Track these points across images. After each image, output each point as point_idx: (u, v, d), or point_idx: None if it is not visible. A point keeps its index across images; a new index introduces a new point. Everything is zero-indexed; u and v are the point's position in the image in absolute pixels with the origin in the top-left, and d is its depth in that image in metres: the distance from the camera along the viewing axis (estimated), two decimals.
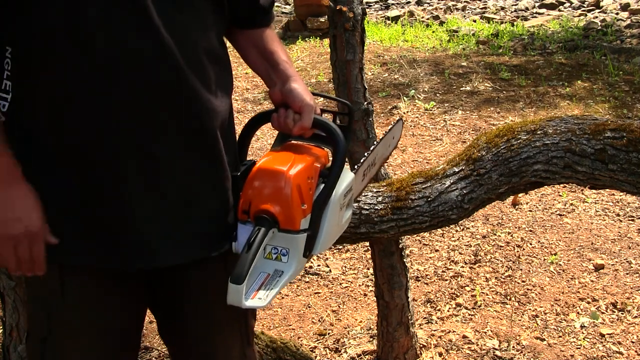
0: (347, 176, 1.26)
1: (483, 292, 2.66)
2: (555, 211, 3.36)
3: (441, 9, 9.67)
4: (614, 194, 3.43)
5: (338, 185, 1.20)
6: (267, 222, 1.10)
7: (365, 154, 1.46)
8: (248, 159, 1.29)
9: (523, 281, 2.73)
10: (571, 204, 3.41)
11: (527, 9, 9.36)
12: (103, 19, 1.00)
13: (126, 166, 1.07)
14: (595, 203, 3.41)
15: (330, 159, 1.24)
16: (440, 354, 2.28)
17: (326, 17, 2.09)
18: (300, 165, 1.14)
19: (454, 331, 2.40)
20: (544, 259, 2.90)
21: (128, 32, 1.01)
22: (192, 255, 1.17)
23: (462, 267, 2.87)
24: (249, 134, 1.28)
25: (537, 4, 9.52)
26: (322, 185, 1.18)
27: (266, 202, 1.10)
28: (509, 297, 2.62)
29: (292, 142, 1.25)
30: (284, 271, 1.12)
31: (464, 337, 2.37)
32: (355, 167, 1.40)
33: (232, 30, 1.27)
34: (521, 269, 2.82)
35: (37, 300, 1.22)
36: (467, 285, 2.72)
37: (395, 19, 8.62)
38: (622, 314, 2.48)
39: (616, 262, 2.85)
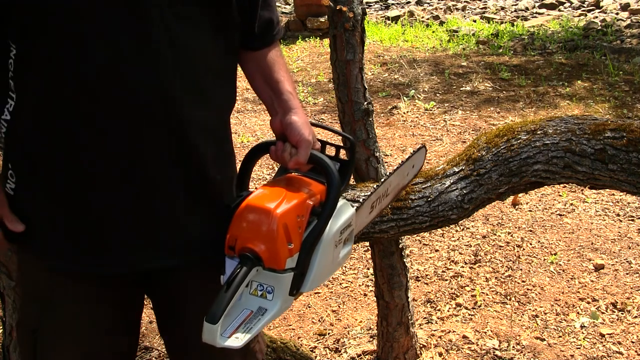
0: (345, 212, 1.23)
1: (483, 292, 2.66)
2: (555, 211, 3.36)
3: (441, 9, 9.67)
4: (614, 194, 3.43)
5: (333, 223, 1.17)
6: (250, 260, 1.08)
7: (375, 185, 1.42)
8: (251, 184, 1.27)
9: (523, 281, 2.73)
10: (571, 204, 3.41)
11: (527, 9, 9.36)
12: (101, 24, 0.99)
13: (111, 175, 1.07)
14: (595, 203, 3.41)
15: None
16: (440, 354, 2.28)
17: (326, 17, 2.09)
18: (290, 202, 1.11)
19: (454, 331, 2.40)
20: (544, 259, 2.90)
21: (124, 39, 1.01)
22: (171, 261, 1.17)
23: (462, 267, 2.87)
24: (249, 164, 1.26)
25: (537, 4, 9.52)
26: (314, 224, 1.15)
27: (251, 240, 1.08)
28: (509, 297, 2.62)
29: (292, 174, 1.23)
30: (267, 309, 1.10)
31: (464, 337, 2.37)
32: (362, 199, 1.36)
33: (240, 54, 1.27)
34: (521, 269, 2.82)
35: (29, 294, 1.23)
36: (467, 285, 2.72)
37: (395, 19, 8.62)
38: (622, 314, 2.48)
39: (616, 262, 2.85)
